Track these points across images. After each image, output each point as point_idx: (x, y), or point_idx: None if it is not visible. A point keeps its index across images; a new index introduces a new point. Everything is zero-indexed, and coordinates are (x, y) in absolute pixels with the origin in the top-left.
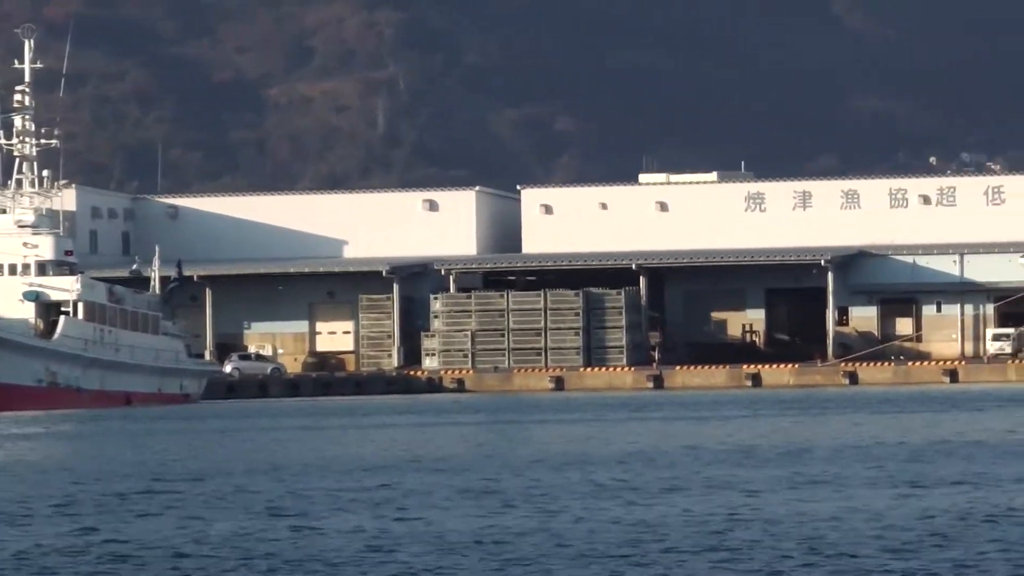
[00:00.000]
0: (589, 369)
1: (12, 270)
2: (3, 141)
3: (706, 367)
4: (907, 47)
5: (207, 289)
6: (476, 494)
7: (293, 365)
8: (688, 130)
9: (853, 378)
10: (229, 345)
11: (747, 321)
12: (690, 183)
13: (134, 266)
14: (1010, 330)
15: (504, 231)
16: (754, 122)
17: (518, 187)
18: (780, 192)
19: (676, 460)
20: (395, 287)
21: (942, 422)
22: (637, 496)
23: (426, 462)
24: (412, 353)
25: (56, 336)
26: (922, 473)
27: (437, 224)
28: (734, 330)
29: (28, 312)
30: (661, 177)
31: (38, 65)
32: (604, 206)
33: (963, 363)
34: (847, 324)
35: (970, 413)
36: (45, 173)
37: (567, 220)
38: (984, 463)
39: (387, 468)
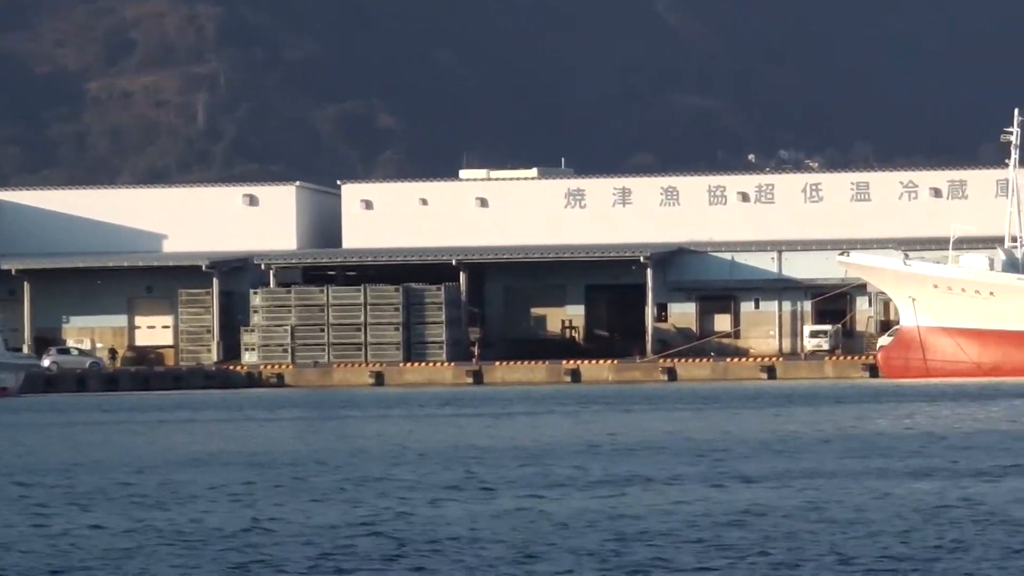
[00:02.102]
0: (409, 364)
1: None
2: None
3: (526, 363)
4: (726, 46)
5: (25, 283)
6: (222, 492)
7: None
8: (508, 127)
9: (672, 374)
10: (48, 339)
11: (567, 317)
12: (510, 179)
13: None
14: (827, 327)
15: (324, 226)
16: (574, 119)
17: (338, 183)
18: (600, 189)
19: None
20: (215, 282)
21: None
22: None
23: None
24: (232, 348)
25: None
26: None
27: (257, 219)
28: (554, 326)
29: None
30: (481, 173)
31: None
32: (424, 202)
33: (781, 360)
34: (666, 320)
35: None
36: None
37: (387, 216)
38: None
39: (162, 466)
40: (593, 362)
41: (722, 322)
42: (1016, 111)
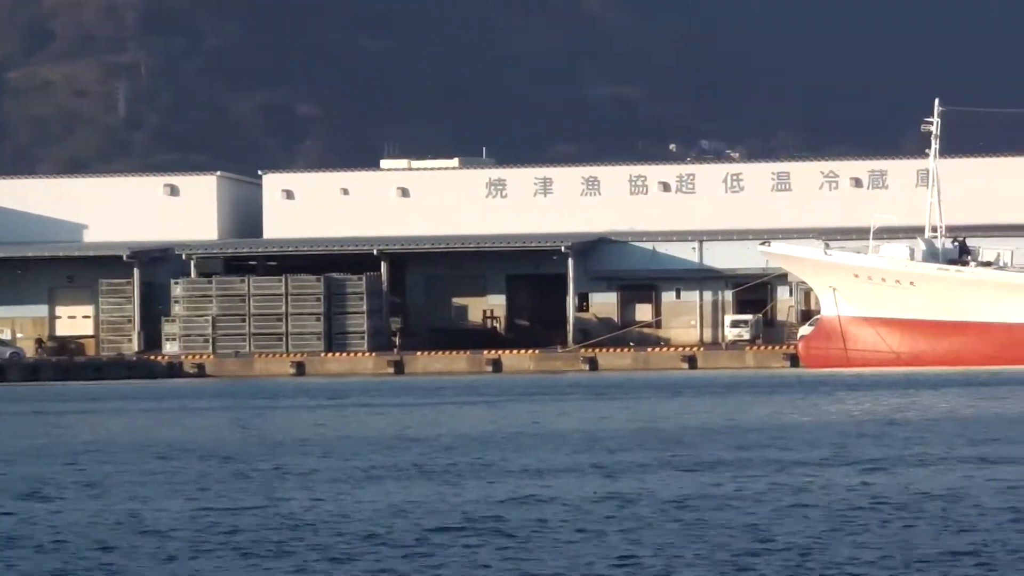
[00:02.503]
0: (330, 354)
1: None
2: None
3: (447, 353)
4: (647, 35)
5: None
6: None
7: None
8: (430, 117)
9: (593, 364)
10: None
11: (488, 307)
12: (432, 169)
13: None
14: (748, 316)
15: (245, 216)
16: (495, 109)
17: (259, 172)
18: (521, 179)
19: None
20: (136, 272)
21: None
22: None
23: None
24: (153, 338)
25: None
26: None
27: (178, 209)
28: (475, 316)
29: None
30: (403, 163)
31: None
32: (346, 191)
33: (702, 349)
34: (587, 310)
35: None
36: None
37: (308, 205)
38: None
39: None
40: (514, 352)
41: (643, 312)
42: (937, 101)
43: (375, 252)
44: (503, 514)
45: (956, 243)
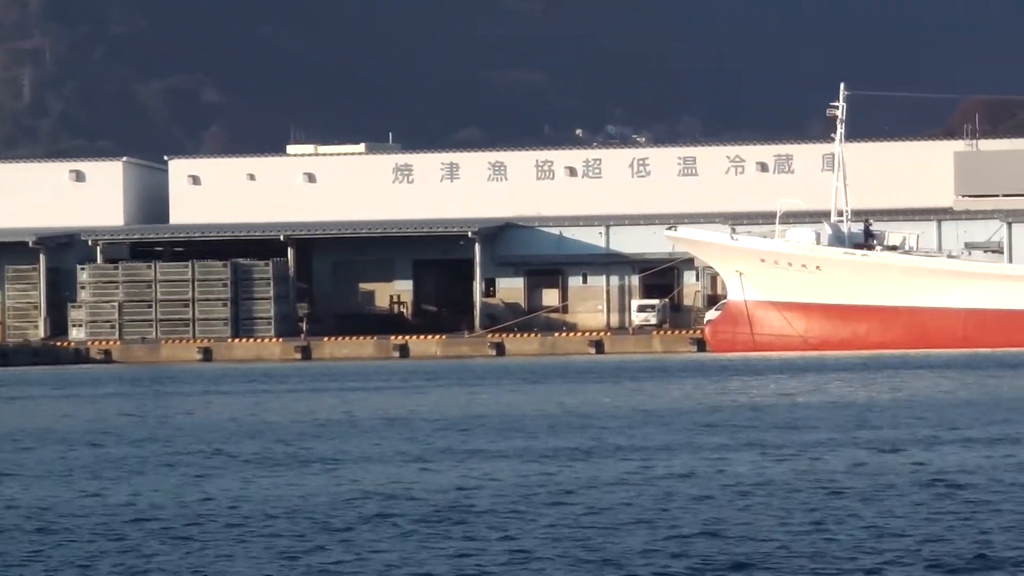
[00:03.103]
0: (237, 340)
1: None
2: None
3: (354, 338)
4: (553, 21)
5: None
6: None
7: None
8: (336, 102)
9: (500, 349)
10: None
11: (395, 292)
12: (338, 154)
13: None
14: (655, 301)
15: (152, 202)
16: (402, 94)
17: (165, 158)
18: (428, 164)
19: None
20: (41, 258)
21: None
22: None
23: None
24: (59, 324)
25: None
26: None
27: (84, 195)
28: (382, 301)
29: None
30: (309, 148)
31: None
32: (252, 177)
33: (609, 334)
34: (494, 295)
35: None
36: None
37: (215, 191)
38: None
39: None
40: (421, 337)
41: (550, 297)
42: (842, 86)
43: (282, 238)
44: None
45: (862, 227)
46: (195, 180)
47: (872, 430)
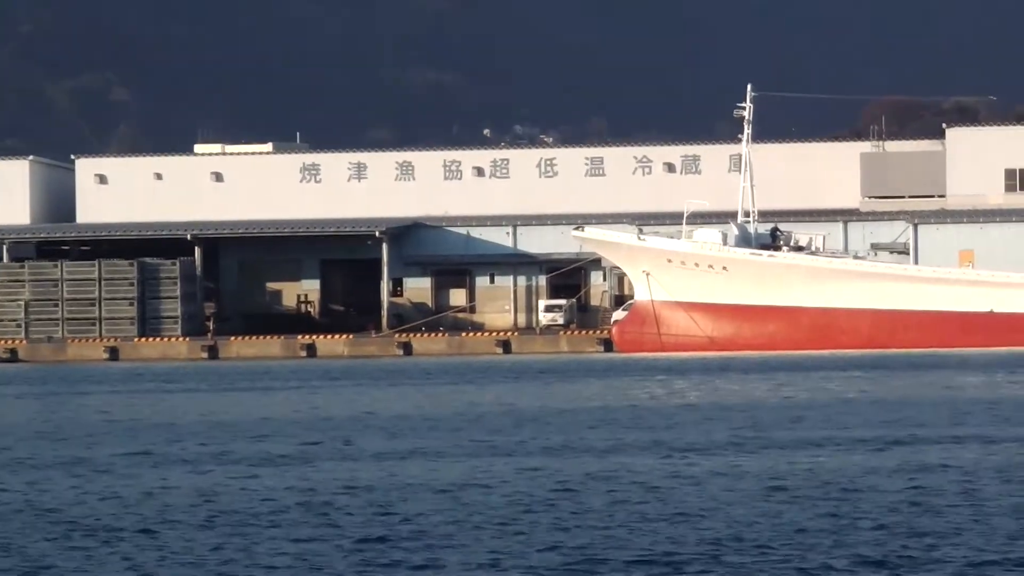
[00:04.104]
0: (144, 339)
1: None
2: None
3: (261, 337)
4: (461, 20)
5: None
6: None
7: None
8: (243, 101)
9: (407, 348)
10: None
11: (302, 292)
12: (245, 154)
13: None
14: (562, 301)
15: (58, 201)
16: (310, 94)
17: (72, 157)
18: (335, 163)
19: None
20: None
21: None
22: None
23: None
24: None
25: None
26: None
27: None
28: (289, 301)
29: None
30: (216, 148)
31: None
32: (159, 176)
33: (516, 334)
34: (401, 295)
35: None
36: None
37: (122, 190)
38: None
39: None
40: (329, 337)
41: (458, 297)
42: (749, 86)
43: (189, 237)
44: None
45: (769, 228)
46: (102, 179)
47: (670, 432)
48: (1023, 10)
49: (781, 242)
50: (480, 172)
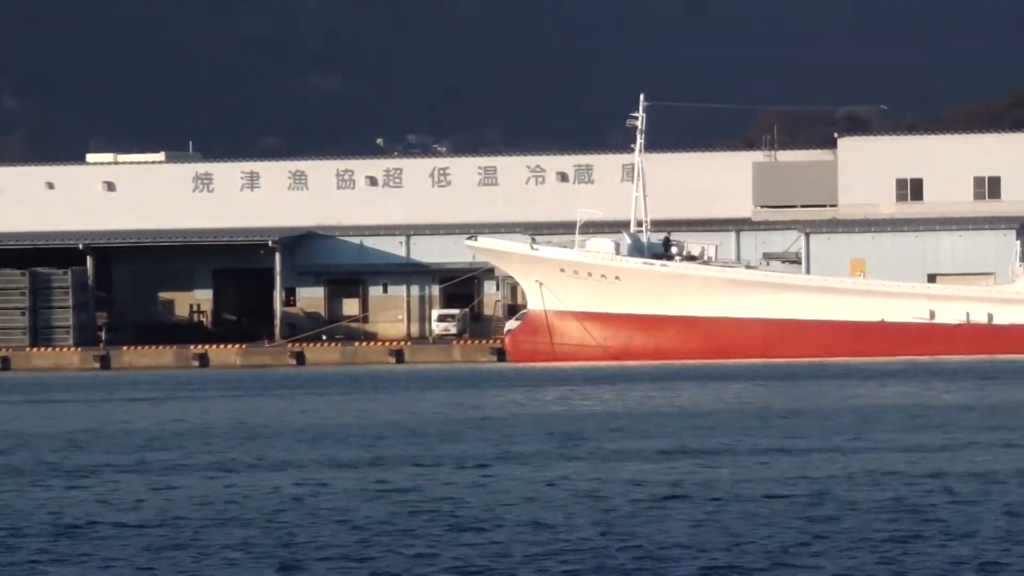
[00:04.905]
0: (35, 349)
1: None
2: None
3: (153, 347)
4: (356, 28)
5: None
6: None
7: None
8: (135, 111)
9: (300, 358)
10: None
11: (195, 301)
12: (138, 163)
13: None
14: (455, 311)
15: None
16: (201, 102)
17: None
18: (228, 172)
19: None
20: None
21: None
22: None
23: None
24: None
25: None
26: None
27: None
28: (182, 310)
29: None
30: (108, 157)
31: None
32: (51, 185)
33: (409, 343)
34: (295, 305)
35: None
36: None
37: (13, 199)
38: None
39: None
40: (221, 346)
41: (351, 306)
42: (642, 96)
43: (81, 246)
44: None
45: (661, 238)
46: None
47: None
48: (914, 20)
49: (673, 252)
50: (373, 181)
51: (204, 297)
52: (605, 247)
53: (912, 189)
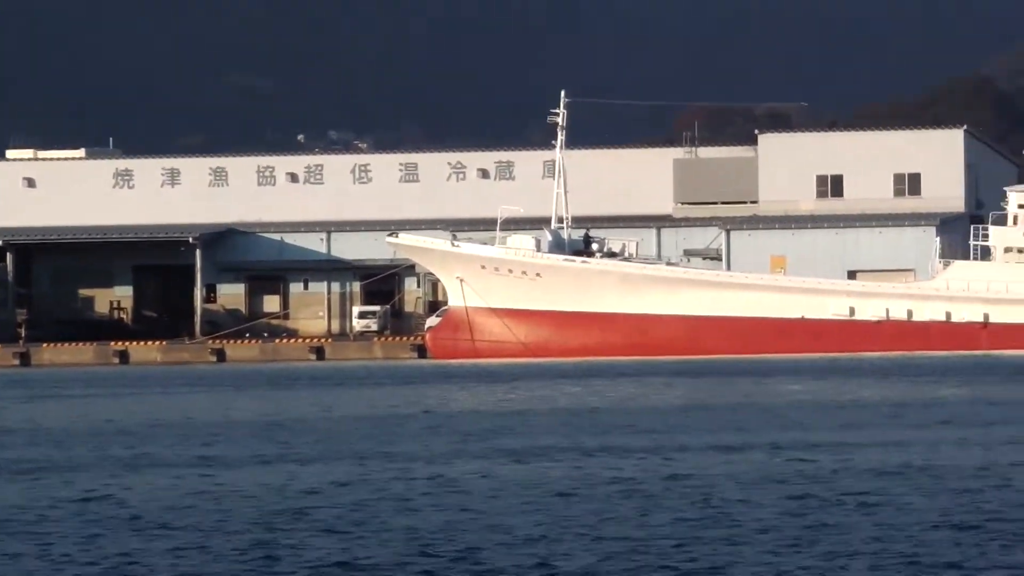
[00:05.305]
0: None
1: None
2: None
3: (74, 344)
4: (275, 27)
5: None
6: None
7: None
8: (55, 107)
9: (221, 355)
10: None
11: (115, 298)
12: (58, 159)
13: None
14: (376, 307)
15: None
16: (122, 99)
17: None
18: (148, 169)
19: None
20: None
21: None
22: None
23: None
24: None
25: None
26: None
27: None
28: (102, 307)
29: None
30: (28, 153)
31: None
32: None
33: (330, 340)
34: (215, 301)
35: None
36: None
37: None
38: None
39: None
40: (142, 343)
41: (272, 303)
42: (563, 93)
43: (1, 243)
44: None
45: (582, 234)
46: None
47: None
48: (835, 20)
49: (594, 248)
50: (294, 178)
51: (124, 294)
52: (526, 244)
53: (832, 186)
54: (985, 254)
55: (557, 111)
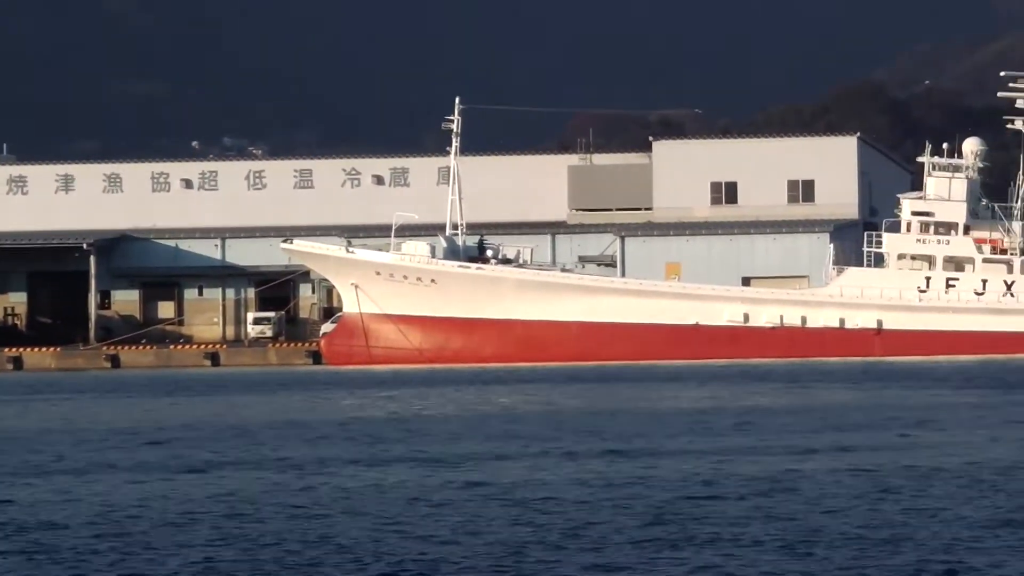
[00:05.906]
0: None
1: None
2: None
3: None
4: (169, 31)
5: None
6: None
7: None
8: None
9: (115, 361)
10: None
11: (9, 304)
12: None
13: None
14: (271, 314)
15: None
16: (15, 103)
17: None
18: (42, 175)
19: None
20: None
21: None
22: None
23: None
24: None
25: None
26: None
27: None
28: None
29: None
30: None
31: None
32: None
33: (224, 346)
34: (110, 307)
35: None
36: None
37: None
38: None
39: None
40: (36, 349)
41: (166, 309)
42: (457, 99)
43: None
44: None
45: (477, 241)
46: None
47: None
48: (731, 26)
49: (489, 255)
50: (188, 184)
51: (18, 300)
52: (420, 250)
53: (727, 192)
54: (879, 261)
55: (452, 117)
